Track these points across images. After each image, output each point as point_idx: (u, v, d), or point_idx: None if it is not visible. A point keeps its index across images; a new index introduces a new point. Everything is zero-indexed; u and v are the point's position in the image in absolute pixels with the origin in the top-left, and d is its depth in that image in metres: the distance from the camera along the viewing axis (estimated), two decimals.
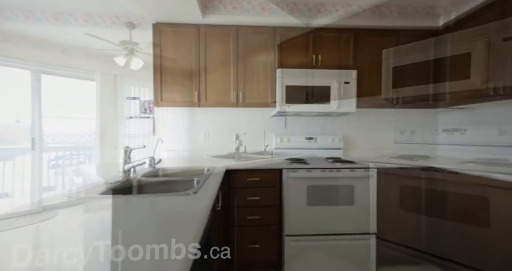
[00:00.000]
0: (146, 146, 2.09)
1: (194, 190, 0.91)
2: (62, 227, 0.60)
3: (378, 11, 2.02)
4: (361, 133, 2.36)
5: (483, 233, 1.41)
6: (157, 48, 1.94)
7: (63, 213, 0.69)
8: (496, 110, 1.86)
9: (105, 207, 0.76)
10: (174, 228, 0.58)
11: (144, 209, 0.73)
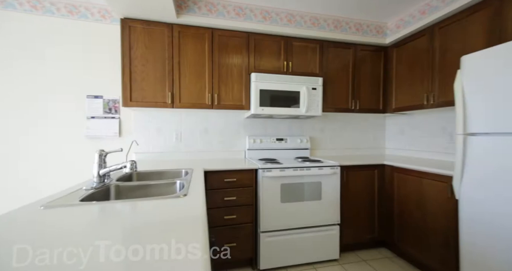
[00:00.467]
0: (113, 149, 1.96)
1: (184, 192, 0.93)
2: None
3: (340, 26, 2.26)
4: (325, 134, 2.60)
5: (420, 218, 1.72)
6: (125, 45, 1.83)
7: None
8: (435, 115, 2.26)
9: (99, 214, 0.73)
10: (181, 229, 0.61)
11: (139, 213, 0.72)
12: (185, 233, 0.57)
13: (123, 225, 0.64)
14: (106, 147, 2.02)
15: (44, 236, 0.56)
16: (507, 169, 1.13)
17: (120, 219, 0.70)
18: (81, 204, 0.80)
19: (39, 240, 0.53)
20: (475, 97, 1.28)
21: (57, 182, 1.93)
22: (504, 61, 1.16)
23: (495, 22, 1.52)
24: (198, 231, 0.58)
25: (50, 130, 1.97)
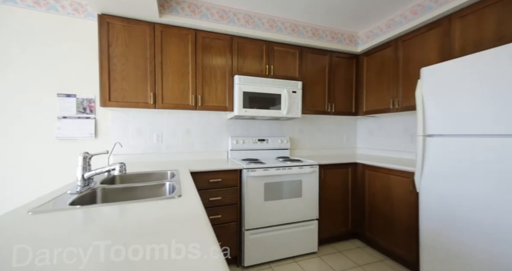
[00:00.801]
0: (90, 150, 1.88)
1: (178, 193, 0.95)
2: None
3: (317, 34, 2.42)
4: (304, 135, 2.75)
5: (387, 210, 1.93)
6: (104, 43, 1.75)
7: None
8: (399, 118, 2.52)
9: (99, 217, 0.73)
10: (188, 228, 0.64)
11: (140, 214, 0.73)
12: (194, 232, 0.61)
13: (130, 227, 0.65)
14: (81, 149, 1.92)
15: (42, 241, 0.55)
16: (457, 166, 1.34)
17: (123, 221, 0.70)
18: (72, 208, 0.78)
19: (38, 246, 0.52)
20: (432, 104, 1.49)
21: (24, 187, 1.78)
22: (454, 75, 1.38)
23: (445, 39, 1.78)
24: (205, 230, 0.62)
25: (16, 130, 1.80)
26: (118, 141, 1.83)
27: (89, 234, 0.61)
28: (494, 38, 1.51)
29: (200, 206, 0.81)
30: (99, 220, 0.71)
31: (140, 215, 0.73)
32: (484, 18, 1.56)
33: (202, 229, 0.63)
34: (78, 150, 1.93)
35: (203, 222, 0.68)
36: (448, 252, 1.38)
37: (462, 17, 1.69)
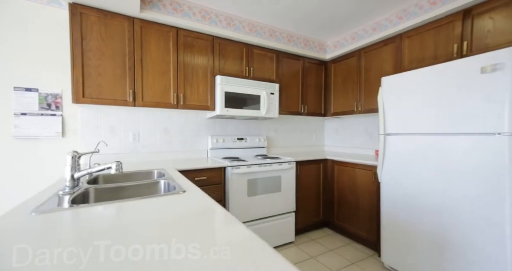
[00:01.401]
0: (56, 151, 1.75)
1: (181, 189, 0.99)
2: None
3: (292, 40, 2.60)
4: (279, 134, 2.92)
5: (353, 199, 2.21)
6: (76, 35, 1.62)
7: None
8: (361, 119, 2.87)
9: (112, 214, 0.72)
10: (220, 222, 0.71)
11: (152, 212, 0.76)
12: (228, 224, 0.68)
13: (160, 221, 0.68)
14: (45, 149, 1.74)
15: (62, 241, 0.56)
16: (410, 159, 1.65)
17: (143, 217, 0.72)
18: (78, 207, 0.76)
19: (57, 246, 0.54)
20: (390, 108, 1.78)
21: None
22: (406, 85, 1.68)
23: (397, 54, 2.12)
24: (234, 221, 0.69)
25: None
26: (103, 140, 1.73)
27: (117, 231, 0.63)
28: (432, 57, 1.87)
29: (211, 200, 0.87)
30: (117, 218, 0.72)
31: (156, 211, 0.76)
32: (425, 40, 1.93)
33: (231, 221, 0.69)
34: (41, 150, 1.75)
35: (224, 213, 0.74)
36: (403, 229, 1.68)
37: (409, 37, 2.04)
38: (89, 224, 0.67)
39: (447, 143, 1.45)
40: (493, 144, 1.26)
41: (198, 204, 0.83)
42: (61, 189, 0.96)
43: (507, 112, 1.21)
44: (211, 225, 0.67)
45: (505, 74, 1.22)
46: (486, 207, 1.29)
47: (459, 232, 1.39)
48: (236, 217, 0.67)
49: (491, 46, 1.57)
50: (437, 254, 1.49)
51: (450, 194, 1.43)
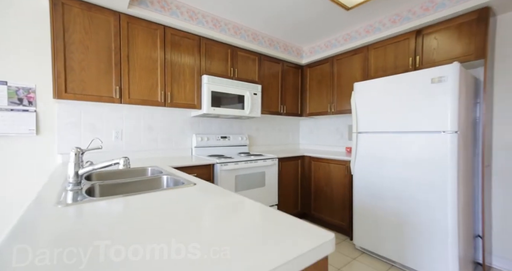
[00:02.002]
0: (30, 149, 1.68)
1: (192, 182, 1.05)
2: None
3: (273, 44, 2.77)
4: (259, 133, 3.07)
5: (328, 191, 2.47)
6: (58, 26, 1.53)
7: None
8: (333, 120, 3.16)
9: (144, 205, 0.76)
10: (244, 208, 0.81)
11: (181, 201, 0.82)
12: (254, 206, 0.78)
13: (198, 211, 0.75)
14: (17, 147, 1.61)
15: (110, 225, 0.61)
16: (377, 154, 1.93)
17: (179, 206, 0.76)
18: (100, 200, 0.79)
19: (110, 227, 0.59)
20: (361, 110, 2.05)
21: None
22: (373, 90, 1.96)
23: (365, 63, 2.44)
24: (257, 204, 0.80)
25: None
26: (97, 137, 1.65)
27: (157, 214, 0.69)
28: (393, 67, 2.21)
29: (227, 190, 0.96)
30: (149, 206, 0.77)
31: (183, 199, 0.83)
32: (387, 52, 2.26)
33: (256, 204, 0.80)
34: (11, 149, 1.60)
35: (247, 200, 0.85)
36: (371, 214, 1.96)
37: (375, 48, 2.37)
38: (125, 211, 0.71)
39: (406, 139, 1.75)
40: (440, 140, 1.58)
41: (219, 193, 0.92)
42: (66, 186, 0.95)
43: (449, 115, 1.54)
44: (247, 210, 0.77)
45: (448, 85, 1.55)
46: (435, 190, 1.61)
47: (414, 212, 1.70)
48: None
49: (436, 61, 1.94)
50: (397, 231, 1.79)
51: (408, 181, 1.74)
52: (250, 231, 0.56)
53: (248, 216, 0.71)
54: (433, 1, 1.92)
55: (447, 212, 1.55)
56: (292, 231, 0.56)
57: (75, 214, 0.66)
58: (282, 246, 0.47)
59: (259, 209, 0.73)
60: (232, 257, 0.43)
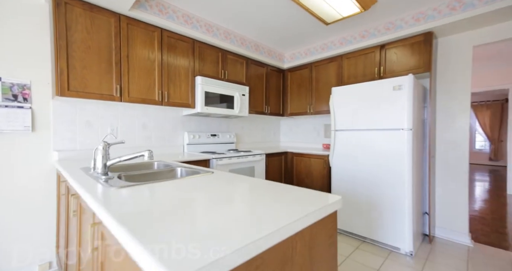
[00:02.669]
0: (28, 146, 1.71)
1: (210, 171, 1.23)
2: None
3: (258, 50, 3.00)
4: (245, 131, 3.28)
5: (308, 182, 2.79)
6: (61, 25, 1.56)
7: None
8: (311, 119, 3.50)
9: (195, 186, 0.91)
10: (272, 188, 1.02)
11: (210, 183, 1.00)
12: (278, 186, 1.00)
13: (224, 190, 0.93)
14: (12, 144, 1.60)
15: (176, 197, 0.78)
16: (351, 148, 2.29)
17: (213, 185, 0.94)
18: (144, 183, 0.93)
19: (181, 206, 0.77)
20: (338, 111, 2.40)
21: None
22: (347, 95, 2.32)
23: (339, 70, 2.82)
24: (279, 184, 1.02)
25: None
26: (111, 133, 1.69)
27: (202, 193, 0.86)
28: (362, 75, 2.61)
29: (246, 176, 1.16)
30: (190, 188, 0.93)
31: (214, 183, 1.01)
32: (358, 62, 2.66)
33: (280, 185, 1.02)
34: (7, 145, 1.58)
35: (273, 182, 1.06)
36: (347, 199, 2.31)
37: (348, 58, 2.75)
38: (172, 190, 0.87)
39: (374, 136, 2.13)
40: (399, 136, 1.98)
41: (239, 178, 1.11)
42: (97, 175, 1.06)
43: (405, 116, 1.94)
44: (270, 187, 0.98)
45: (404, 92, 1.95)
46: (396, 176, 2.00)
47: (380, 195, 2.08)
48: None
49: (396, 72, 2.36)
50: (368, 212, 2.16)
51: (376, 169, 2.11)
52: (280, 199, 0.78)
53: (272, 190, 0.93)
54: (393, 23, 2.34)
55: (405, 194, 1.95)
56: (312, 196, 0.80)
57: (131, 193, 0.81)
58: (308, 203, 0.71)
59: (281, 186, 0.95)
60: (274, 214, 0.65)
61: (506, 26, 2.02)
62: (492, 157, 7.31)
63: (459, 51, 2.26)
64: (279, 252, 0.55)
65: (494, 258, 1.95)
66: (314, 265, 0.67)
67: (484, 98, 7.09)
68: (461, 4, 1.97)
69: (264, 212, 0.63)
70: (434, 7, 2.10)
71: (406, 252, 1.96)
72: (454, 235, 2.26)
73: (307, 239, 0.64)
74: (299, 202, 0.72)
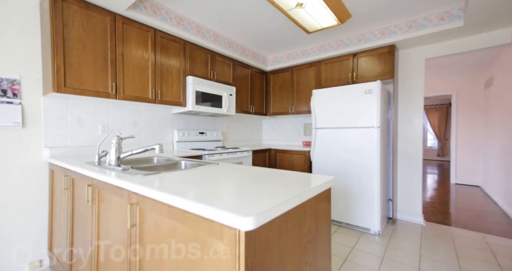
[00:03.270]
0: (17, 142, 1.71)
1: (216, 163, 1.38)
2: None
3: (244, 52, 3.18)
4: (230, 129, 3.42)
5: None
6: (58, 23, 1.56)
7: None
8: (292, 119, 3.77)
9: (208, 174, 1.04)
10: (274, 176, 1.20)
11: (220, 171, 1.14)
12: (278, 173, 1.18)
13: (235, 176, 1.09)
14: (4, 141, 1.56)
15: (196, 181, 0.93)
16: (329, 144, 2.58)
17: (223, 174, 1.09)
18: (172, 171, 1.05)
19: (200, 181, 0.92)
20: (318, 110, 2.68)
21: None
22: (325, 96, 2.61)
23: (318, 74, 3.12)
24: (280, 171, 1.20)
25: None
26: (114, 129, 1.70)
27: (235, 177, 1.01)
28: (337, 79, 2.94)
29: (249, 166, 1.33)
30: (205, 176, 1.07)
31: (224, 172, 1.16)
32: (334, 67, 2.98)
33: (280, 171, 1.20)
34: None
35: (274, 170, 1.24)
36: None
37: (325, 64, 3.06)
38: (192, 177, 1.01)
39: (348, 133, 2.45)
40: (369, 133, 2.31)
41: (243, 168, 1.28)
42: (111, 167, 1.15)
43: (375, 116, 2.28)
44: (273, 174, 1.16)
45: (374, 96, 2.29)
46: (367, 168, 2.33)
47: (354, 185, 2.41)
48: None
49: (366, 77, 2.73)
50: (344, 200, 2.47)
51: (351, 163, 2.43)
52: (289, 180, 0.97)
53: (280, 174, 1.11)
54: (364, 35, 2.70)
55: (374, 184, 2.29)
56: (313, 178, 1.00)
57: (161, 178, 0.93)
58: (312, 182, 0.91)
59: (287, 172, 1.15)
60: (290, 188, 0.84)
61: (451, 44, 2.48)
62: (440, 153, 8.44)
63: (415, 62, 2.69)
64: (296, 214, 0.74)
65: (440, 232, 2.40)
66: (318, 226, 0.88)
67: (434, 102, 8.15)
68: (416, 24, 2.37)
69: (283, 186, 0.82)
70: (396, 24, 2.49)
71: (375, 232, 2.31)
72: (411, 217, 2.70)
73: (313, 206, 0.84)
74: (304, 182, 0.93)
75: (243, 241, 0.53)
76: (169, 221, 0.72)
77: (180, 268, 0.68)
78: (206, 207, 0.58)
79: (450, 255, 1.93)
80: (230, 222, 0.53)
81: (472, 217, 2.87)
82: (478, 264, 1.81)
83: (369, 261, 1.84)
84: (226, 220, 0.54)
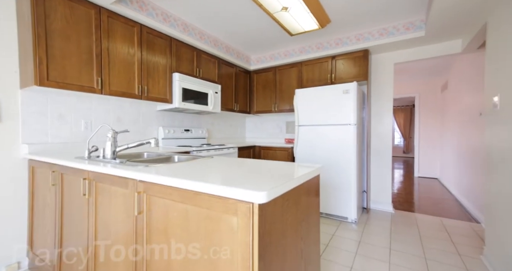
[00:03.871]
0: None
1: (210, 156, 1.44)
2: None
3: (228, 51, 3.23)
4: (215, 127, 3.46)
5: None
6: (40, 12, 1.50)
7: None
8: (275, 117, 3.91)
9: (207, 165, 1.10)
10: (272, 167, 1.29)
11: (220, 162, 1.21)
12: (272, 163, 1.28)
13: (233, 168, 1.16)
14: None
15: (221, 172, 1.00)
16: (311, 141, 2.76)
17: (222, 165, 1.16)
18: (170, 163, 1.10)
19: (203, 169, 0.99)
20: (300, 108, 2.84)
21: None
22: (307, 96, 2.79)
23: (299, 75, 3.29)
24: (274, 161, 1.30)
25: None
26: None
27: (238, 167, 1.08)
28: (318, 79, 3.13)
29: (243, 159, 1.41)
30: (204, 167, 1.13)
31: (224, 164, 1.23)
32: (314, 69, 3.17)
33: (273, 162, 1.30)
34: None
35: (267, 161, 1.34)
36: None
37: (306, 65, 3.24)
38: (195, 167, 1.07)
39: (328, 130, 2.64)
40: (347, 130, 2.52)
41: (237, 161, 1.36)
42: (108, 161, 1.16)
43: (351, 114, 2.50)
44: (267, 164, 1.25)
45: (351, 96, 2.50)
46: (345, 162, 2.54)
47: (334, 178, 2.60)
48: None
49: (343, 78, 2.95)
50: (325, 192, 2.66)
51: (330, 157, 2.63)
52: (285, 167, 1.08)
53: (269, 165, 1.22)
54: (341, 40, 2.92)
55: (351, 177, 2.51)
56: (305, 166, 1.12)
57: (163, 169, 0.98)
58: (305, 169, 1.03)
59: (281, 162, 1.25)
60: (289, 173, 0.95)
61: (415, 51, 2.80)
62: (405, 150, 9.25)
63: (385, 66, 2.98)
64: (294, 194, 0.85)
65: (406, 218, 2.70)
66: (309, 207, 0.99)
67: (400, 103, 8.91)
68: (386, 32, 2.64)
69: (282, 172, 0.92)
70: (369, 31, 2.74)
71: (352, 220, 2.52)
72: (382, 206, 2.98)
73: (306, 189, 0.96)
74: (299, 168, 1.04)
75: (257, 213, 0.62)
76: (181, 205, 0.78)
77: (193, 241, 0.75)
78: (223, 188, 0.66)
79: (414, 236, 2.20)
80: (246, 197, 0.62)
81: (431, 204, 3.25)
82: (437, 242, 2.10)
83: (348, 245, 2.03)
84: (242, 196, 0.63)
